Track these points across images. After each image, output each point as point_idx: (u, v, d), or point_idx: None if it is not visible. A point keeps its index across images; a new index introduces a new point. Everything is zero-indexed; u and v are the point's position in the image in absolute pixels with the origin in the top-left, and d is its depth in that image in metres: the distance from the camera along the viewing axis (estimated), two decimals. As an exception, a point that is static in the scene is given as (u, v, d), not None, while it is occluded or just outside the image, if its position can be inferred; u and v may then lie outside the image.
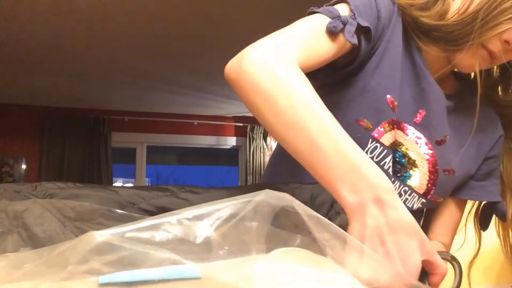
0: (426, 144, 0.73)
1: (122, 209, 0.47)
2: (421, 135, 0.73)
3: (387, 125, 0.69)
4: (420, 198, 0.76)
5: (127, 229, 0.35)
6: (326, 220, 0.42)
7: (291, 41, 0.58)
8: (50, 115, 4.45)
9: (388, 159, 0.70)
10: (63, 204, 0.46)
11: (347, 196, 0.48)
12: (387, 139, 0.70)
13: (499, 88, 0.83)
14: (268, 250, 0.41)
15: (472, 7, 0.65)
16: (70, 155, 4.44)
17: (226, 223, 0.38)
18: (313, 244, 0.43)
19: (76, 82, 3.81)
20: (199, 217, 0.38)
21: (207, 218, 0.38)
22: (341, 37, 0.62)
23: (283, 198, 0.40)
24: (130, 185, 5.13)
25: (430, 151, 0.74)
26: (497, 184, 0.83)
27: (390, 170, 0.71)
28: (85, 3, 2.43)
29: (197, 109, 4.85)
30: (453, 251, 0.90)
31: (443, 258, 0.51)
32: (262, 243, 0.40)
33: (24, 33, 2.79)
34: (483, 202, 0.85)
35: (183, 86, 3.98)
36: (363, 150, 0.66)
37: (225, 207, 0.39)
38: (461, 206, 0.85)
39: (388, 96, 0.69)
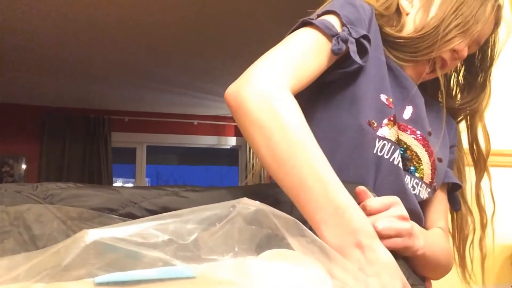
0: (421, 135, 0.78)
1: (124, 208, 0.47)
2: (414, 129, 0.77)
3: (389, 122, 0.72)
4: (427, 188, 0.79)
5: (119, 229, 0.35)
6: (302, 225, 0.42)
7: (288, 64, 0.59)
8: (50, 115, 4.44)
9: (397, 154, 0.72)
10: (67, 209, 0.46)
11: (329, 238, 0.49)
12: (392, 134, 0.72)
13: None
14: (258, 252, 0.41)
15: (430, 24, 0.74)
16: (70, 155, 4.44)
17: (213, 225, 0.39)
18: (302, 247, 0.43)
19: (76, 82, 3.81)
20: (187, 220, 0.38)
21: (194, 220, 0.38)
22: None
23: (259, 204, 0.41)
24: (130, 185, 5.12)
25: (426, 142, 0.78)
26: (454, 174, 0.91)
27: (401, 165, 0.73)
28: (85, 3, 2.43)
29: (197, 109, 4.85)
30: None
31: None
32: (251, 245, 0.41)
33: (24, 33, 2.79)
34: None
35: (183, 86, 3.98)
36: (373, 149, 0.70)
37: (212, 211, 0.40)
38: (445, 191, 0.90)
39: (382, 95, 0.72)
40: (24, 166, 4.35)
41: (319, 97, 0.73)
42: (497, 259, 1.46)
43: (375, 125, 0.70)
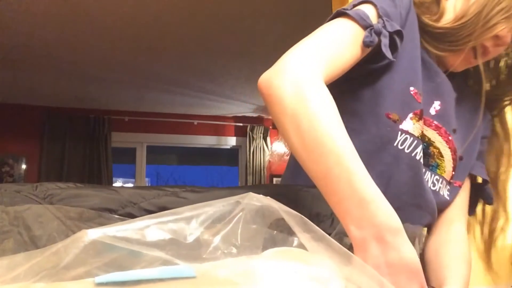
0: (446, 132, 0.77)
1: (123, 209, 0.47)
2: (440, 125, 0.76)
3: (414, 116, 0.71)
4: (448, 185, 0.79)
5: (119, 228, 0.35)
6: (308, 221, 0.42)
7: (321, 54, 0.59)
8: (50, 115, 4.44)
9: (419, 149, 0.71)
10: (67, 210, 0.46)
11: (352, 230, 0.49)
12: (416, 129, 0.71)
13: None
14: (261, 250, 0.41)
15: (471, 11, 0.70)
16: (70, 155, 4.44)
17: (215, 223, 0.39)
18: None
19: (76, 82, 3.80)
20: (189, 218, 0.38)
21: (196, 218, 0.38)
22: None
23: (264, 200, 0.41)
24: (130, 185, 5.12)
25: (450, 138, 0.77)
26: (483, 167, 0.87)
27: (422, 160, 0.72)
28: (85, 3, 2.43)
29: (197, 109, 4.85)
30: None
31: None
32: (254, 243, 0.41)
33: (24, 33, 2.79)
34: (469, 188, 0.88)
35: (183, 86, 3.98)
36: (393, 142, 0.69)
37: (215, 208, 0.39)
38: (467, 187, 0.87)
39: (412, 88, 0.70)
40: (24, 166, 4.35)
41: (344, 87, 0.71)
42: (497, 259, 1.45)
43: (398, 118, 0.69)
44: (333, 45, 0.61)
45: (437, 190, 0.77)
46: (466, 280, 0.77)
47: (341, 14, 0.64)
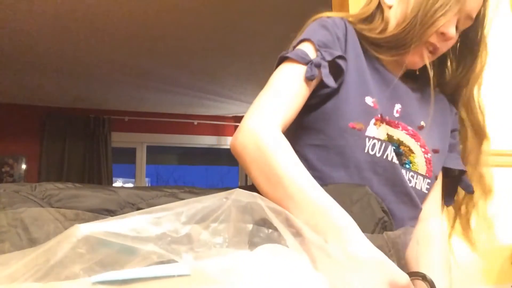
0: (412, 131, 0.81)
1: (122, 210, 0.47)
2: (405, 125, 0.81)
3: (376, 121, 0.76)
4: (426, 179, 0.83)
5: (111, 223, 0.35)
6: (291, 216, 0.45)
7: (274, 107, 0.68)
8: (50, 115, 4.44)
9: (389, 150, 0.77)
10: (65, 212, 0.46)
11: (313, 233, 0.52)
12: (381, 133, 0.77)
13: (446, 74, 0.94)
14: (248, 245, 0.42)
15: (409, 14, 0.75)
16: (70, 155, 4.44)
17: (205, 219, 0.39)
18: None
19: (76, 82, 3.80)
20: (179, 213, 0.39)
21: (186, 213, 0.39)
22: (317, 78, 0.72)
23: (252, 196, 0.42)
24: (130, 185, 5.12)
25: (418, 136, 0.82)
26: (458, 158, 0.92)
27: (395, 160, 0.78)
28: (85, 3, 2.43)
29: (197, 109, 4.85)
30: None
31: (415, 278, 0.53)
32: (242, 238, 0.41)
33: (24, 34, 2.79)
34: (440, 180, 0.91)
35: (183, 86, 3.98)
36: (364, 149, 0.75)
37: (204, 204, 0.40)
38: (439, 181, 0.91)
39: (367, 97, 0.76)
40: (24, 166, 4.35)
41: (307, 114, 0.79)
42: (497, 259, 1.45)
43: (362, 126, 0.75)
44: (283, 93, 0.70)
45: (414, 186, 0.81)
46: (449, 282, 0.82)
47: (284, 59, 0.73)
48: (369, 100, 0.76)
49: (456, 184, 0.93)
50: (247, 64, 3.42)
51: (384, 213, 0.64)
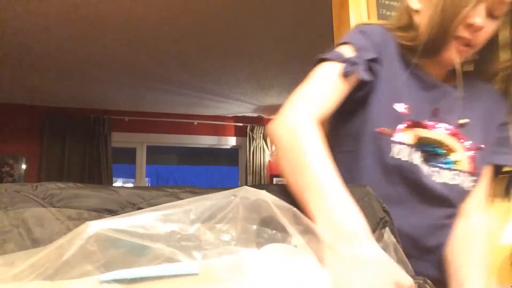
0: (453, 130, 0.83)
1: (123, 210, 0.47)
2: (446, 124, 0.83)
3: (405, 127, 0.79)
4: (470, 177, 0.84)
5: (121, 220, 0.35)
6: (300, 213, 0.45)
7: (312, 100, 0.71)
8: (50, 115, 4.44)
9: (416, 155, 0.80)
10: (67, 212, 0.46)
11: (323, 232, 0.52)
12: (410, 138, 0.79)
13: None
14: (255, 243, 0.42)
15: (433, 13, 0.76)
16: (70, 155, 4.44)
17: (213, 216, 0.39)
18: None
19: (76, 82, 3.80)
20: (188, 211, 0.39)
21: (195, 211, 0.39)
22: (353, 76, 0.75)
23: (260, 194, 0.42)
24: (130, 185, 5.12)
25: (458, 134, 0.83)
26: (510, 154, 0.90)
27: (419, 162, 0.80)
28: (86, 3, 2.43)
29: (197, 109, 4.85)
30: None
31: (416, 282, 0.54)
32: (249, 236, 0.41)
33: (24, 33, 2.79)
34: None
35: (183, 86, 3.98)
36: (389, 153, 0.79)
37: (212, 201, 0.40)
38: (487, 175, 0.90)
39: (396, 104, 0.79)
40: (24, 166, 4.34)
41: (341, 120, 0.84)
42: (497, 259, 1.46)
43: (389, 131, 0.78)
44: (321, 88, 0.73)
45: (458, 183, 0.82)
46: (485, 279, 0.81)
47: (321, 60, 0.77)
48: (399, 107, 0.79)
49: None
50: (247, 64, 3.42)
51: (385, 213, 0.64)
